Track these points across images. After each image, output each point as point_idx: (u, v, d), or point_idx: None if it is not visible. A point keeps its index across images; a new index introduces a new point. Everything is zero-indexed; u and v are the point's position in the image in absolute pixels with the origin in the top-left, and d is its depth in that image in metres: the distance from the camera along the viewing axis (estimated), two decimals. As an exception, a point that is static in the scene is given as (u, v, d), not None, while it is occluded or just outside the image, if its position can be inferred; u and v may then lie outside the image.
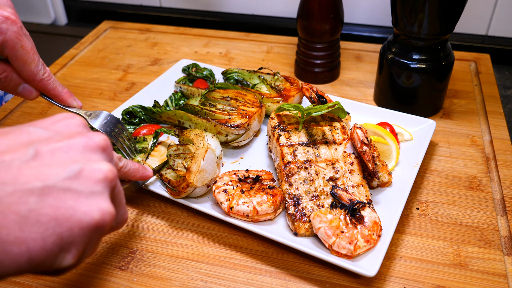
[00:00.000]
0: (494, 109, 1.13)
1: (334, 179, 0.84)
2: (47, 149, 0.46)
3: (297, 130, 0.92)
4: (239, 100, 1.02)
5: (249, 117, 0.97)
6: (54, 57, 1.41)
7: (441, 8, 0.96)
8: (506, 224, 0.85)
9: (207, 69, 1.21)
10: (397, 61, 1.06)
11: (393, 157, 0.94)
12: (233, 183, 0.85)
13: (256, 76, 1.14)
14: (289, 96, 1.05)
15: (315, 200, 0.82)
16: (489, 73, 1.27)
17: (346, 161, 0.86)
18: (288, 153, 0.87)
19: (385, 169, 0.88)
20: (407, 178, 0.89)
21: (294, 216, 0.80)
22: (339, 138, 0.90)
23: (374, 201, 0.86)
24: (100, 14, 1.71)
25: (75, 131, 0.51)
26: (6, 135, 0.47)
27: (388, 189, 0.88)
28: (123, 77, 1.31)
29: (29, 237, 0.42)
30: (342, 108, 0.91)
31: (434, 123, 1.00)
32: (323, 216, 0.77)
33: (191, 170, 0.83)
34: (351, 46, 1.41)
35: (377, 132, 0.95)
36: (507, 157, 0.99)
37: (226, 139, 0.96)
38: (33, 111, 1.18)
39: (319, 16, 1.13)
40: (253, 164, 0.97)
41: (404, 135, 1.00)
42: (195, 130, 0.91)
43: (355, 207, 0.78)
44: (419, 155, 0.93)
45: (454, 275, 0.76)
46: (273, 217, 0.83)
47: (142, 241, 0.84)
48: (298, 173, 0.84)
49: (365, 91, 1.22)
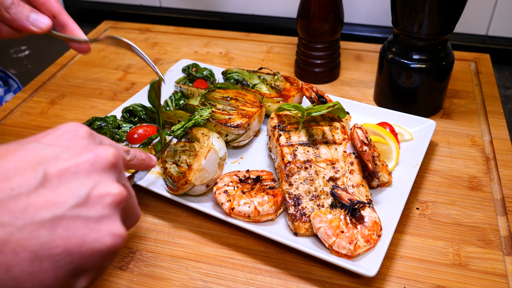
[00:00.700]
0: (494, 109, 1.13)
1: (334, 179, 0.84)
2: (55, 170, 0.45)
3: (297, 130, 0.92)
4: (239, 100, 1.02)
5: (249, 117, 0.97)
6: (54, 57, 1.41)
7: (441, 8, 0.96)
8: (506, 224, 0.85)
9: (207, 69, 1.21)
10: (397, 61, 1.06)
11: (393, 157, 0.94)
12: (234, 183, 0.85)
13: (256, 76, 1.14)
14: (289, 96, 1.05)
15: (315, 200, 0.82)
16: (489, 73, 1.27)
17: (346, 161, 0.86)
18: (288, 153, 0.87)
19: (385, 169, 0.88)
20: (407, 178, 0.89)
21: (294, 216, 0.80)
22: (339, 138, 0.90)
23: (374, 201, 0.86)
24: (100, 14, 1.71)
25: (82, 146, 0.50)
26: (12, 155, 0.46)
27: (388, 189, 0.88)
28: (123, 77, 1.31)
29: (41, 270, 0.42)
30: (342, 108, 0.91)
31: (434, 123, 1.00)
32: (323, 216, 0.77)
33: (192, 168, 0.83)
34: (351, 46, 1.41)
35: (377, 132, 0.95)
36: (507, 157, 0.99)
37: (226, 139, 0.96)
38: (33, 111, 1.18)
39: (319, 16, 1.13)
40: (253, 164, 0.97)
41: (404, 135, 1.00)
42: (203, 129, 0.92)
43: (355, 207, 0.78)
44: (419, 155, 0.93)
45: (454, 275, 0.76)
46: (274, 217, 0.83)
47: (142, 241, 0.84)
48: (298, 173, 0.84)
49: (365, 91, 1.22)
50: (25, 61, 1.52)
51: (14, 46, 1.58)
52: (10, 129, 1.12)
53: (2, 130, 1.11)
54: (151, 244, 0.83)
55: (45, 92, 1.25)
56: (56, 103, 1.21)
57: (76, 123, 0.53)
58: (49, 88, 1.27)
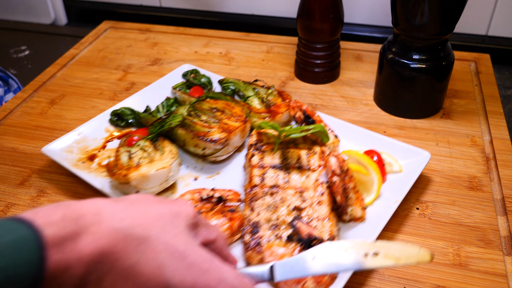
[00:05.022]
0: (494, 109, 1.13)
1: (299, 208, 0.77)
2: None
3: (273, 151, 0.86)
4: (226, 113, 0.99)
5: (229, 132, 0.92)
6: (54, 57, 1.41)
7: (441, 8, 0.96)
8: (506, 224, 0.85)
9: (206, 77, 1.19)
10: (397, 61, 1.06)
11: (373, 190, 0.86)
12: (194, 202, 0.81)
13: (251, 88, 1.11)
14: (277, 113, 1.01)
15: (275, 229, 0.74)
16: (489, 73, 1.27)
17: (316, 190, 0.79)
18: (257, 175, 0.82)
19: (360, 202, 0.81)
20: (383, 214, 0.81)
21: (248, 245, 0.73)
22: (314, 165, 0.83)
23: (342, 238, 0.79)
24: (100, 14, 1.71)
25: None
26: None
27: (360, 226, 0.81)
28: (123, 77, 1.31)
29: None
30: (323, 132, 0.85)
31: (429, 156, 0.90)
32: (276, 249, 0.71)
33: (139, 169, 0.83)
34: (351, 46, 1.41)
35: (360, 161, 0.88)
36: (507, 157, 0.99)
37: (203, 152, 0.93)
38: (33, 111, 1.18)
39: (319, 16, 1.13)
40: (229, 181, 0.92)
41: (393, 166, 0.92)
42: (174, 148, 0.91)
43: (311, 243, 0.71)
44: (403, 190, 0.85)
45: (454, 275, 0.76)
46: (229, 243, 0.77)
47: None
48: (263, 198, 0.78)
49: (365, 91, 1.22)
50: (25, 61, 1.52)
51: (14, 46, 1.58)
52: (10, 129, 1.12)
53: (2, 130, 1.11)
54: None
55: (45, 92, 1.25)
56: (56, 103, 1.21)
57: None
58: (49, 88, 1.27)
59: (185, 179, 0.93)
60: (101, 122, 1.06)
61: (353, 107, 1.16)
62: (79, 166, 0.94)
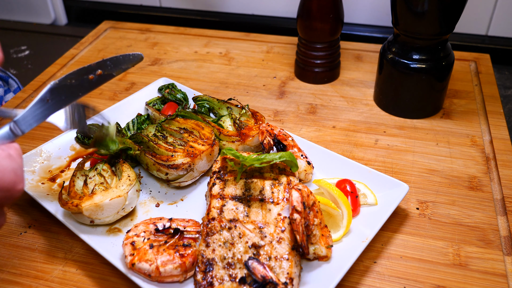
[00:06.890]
0: (494, 109, 1.13)
1: (257, 246, 0.71)
2: None
3: (235, 180, 0.80)
4: (193, 134, 0.94)
5: (193, 157, 0.87)
6: (54, 57, 1.41)
7: (441, 8, 0.96)
8: (506, 224, 0.85)
9: (182, 92, 1.12)
10: (397, 61, 1.06)
11: (342, 226, 0.79)
12: (147, 234, 0.76)
13: (225, 107, 1.05)
14: (248, 136, 0.95)
15: (229, 268, 0.70)
16: (489, 73, 1.27)
17: (277, 226, 0.73)
18: (216, 206, 0.76)
19: (325, 240, 0.75)
20: (350, 254, 0.74)
21: (199, 284, 0.69)
22: (277, 197, 0.76)
23: (303, 281, 0.73)
24: (100, 14, 1.71)
25: None
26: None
27: (325, 265, 0.75)
28: (123, 77, 1.31)
29: None
30: (291, 160, 0.78)
31: (407, 188, 0.84)
32: None
33: (92, 197, 0.80)
34: (351, 46, 1.41)
35: (331, 193, 0.82)
36: (507, 157, 0.99)
37: (166, 177, 0.88)
38: (33, 111, 1.18)
39: (319, 16, 1.13)
40: (192, 209, 0.88)
41: (368, 198, 0.85)
42: (132, 173, 0.87)
43: (265, 287, 0.67)
44: (375, 226, 0.78)
45: (454, 275, 0.76)
46: (182, 280, 0.73)
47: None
48: (220, 233, 0.73)
49: (365, 91, 1.22)
50: (25, 61, 1.52)
51: (14, 46, 1.58)
52: (10, 129, 1.11)
53: (2, 130, 1.11)
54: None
55: (45, 92, 1.25)
56: (56, 103, 1.21)
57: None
58: (49, 88, 1.27)
59: (147, 204, 0.89)
60: (67, 140, 1.01)
61: (353, 107, 1.16)
62: (38, 188, 0.90)
